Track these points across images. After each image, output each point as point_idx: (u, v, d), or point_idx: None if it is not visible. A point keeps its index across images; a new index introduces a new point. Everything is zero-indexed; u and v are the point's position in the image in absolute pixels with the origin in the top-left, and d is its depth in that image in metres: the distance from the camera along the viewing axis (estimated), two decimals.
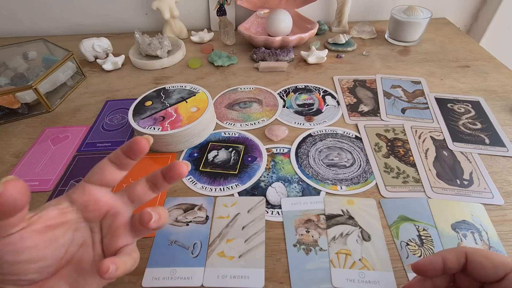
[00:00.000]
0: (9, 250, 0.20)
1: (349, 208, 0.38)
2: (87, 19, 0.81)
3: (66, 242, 0.23)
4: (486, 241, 0.34)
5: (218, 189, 0.41)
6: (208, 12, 0.80)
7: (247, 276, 0.32)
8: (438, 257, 0.25)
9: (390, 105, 0.54)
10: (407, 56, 0.67)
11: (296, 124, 0.51)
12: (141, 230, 0.25)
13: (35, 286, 0.22)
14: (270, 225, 0.37)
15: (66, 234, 0.23)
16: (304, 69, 0.64)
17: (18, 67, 0.59)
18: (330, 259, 0.33)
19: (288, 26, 0.68)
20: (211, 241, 0.36)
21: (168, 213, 0.27)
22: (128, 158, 0.25)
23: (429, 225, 0.36)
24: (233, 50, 0.72)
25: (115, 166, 0.25)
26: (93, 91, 0.61)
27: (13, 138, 0.51)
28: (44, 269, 0.22)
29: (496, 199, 0.38)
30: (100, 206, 0.25)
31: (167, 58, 0.66)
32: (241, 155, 0.46)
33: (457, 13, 0.83)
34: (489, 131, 0.48)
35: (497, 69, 0.61)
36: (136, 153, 0.24)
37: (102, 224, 0.25)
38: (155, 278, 0.33)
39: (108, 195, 0.25)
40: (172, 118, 0.46)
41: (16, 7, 0.78)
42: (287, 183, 0.41)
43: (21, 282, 0.22)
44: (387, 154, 0.45)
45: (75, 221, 0.24)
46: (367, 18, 0.82)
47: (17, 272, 0.21)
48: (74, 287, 0.23)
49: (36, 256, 0.21)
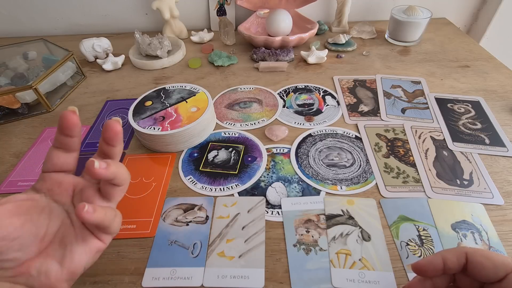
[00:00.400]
0: None
1: (349, 208, 0.38)
2: (87, 19, 0.81)
3: (42, 223, 0.24)
4: (486, 241, 0.34)
5: (218, 189, 0.41)
6: (208, 12, 0.80)
7: (247, 276, 0.32)
8: (438, 257, 0.25)
9: (390, 105, 0.54)
10: (407, 56, 0.67)
11: (296, 124, 0.51)
12: (106, 189, 0.26)
13: (23, 267, 0.23)
14: (270, 225, 0.37)
15: (41, 214, 0.24)
16: (304, 69, 0.64)
17: (18, 67, 0.58)
18: (330, 259, 0.33)
19: (288, 26, 0.68)
20: (211, 241, 0.36)
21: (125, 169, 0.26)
22: (64, 135, 0.25)
23: (429, 225, 0.36)
24: (233, 50, 0.72)
25: (60, 150, 0.26)
26: (93, 91, 0.61)
27: (13, 138, 0.51)
28: (25, 248, 0.23)
29: (496, 199, 0.38)
30: (65, 187, 0.26)
31: (167, 58, 0.66)
32: (241, 155, 0.46)
33: (457, 13, 0.83)
34: (489, 131, 0.48)
35: (497, 69, 0.61)
36: (66, 128, 0.25)
37: (74, 203, 0.26)
38: (155, 278, 0.33)
39: (70, 177, 0.27)
40: (172, 118, 0.46)
41: (16, 7, 0.78)
42: (287, 183, 0.41)
43: (6, 263, 0.22)
44: (387, 154, 0.45)
45: (46, 203, 0.25)
46: (367, 18, 0.82)
47: None
48: (63, 262, 0.24)
49: (13, 232, 0.22)
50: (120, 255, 0.35)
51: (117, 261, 0.34)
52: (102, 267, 0.34)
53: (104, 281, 0.33)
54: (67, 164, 0.27)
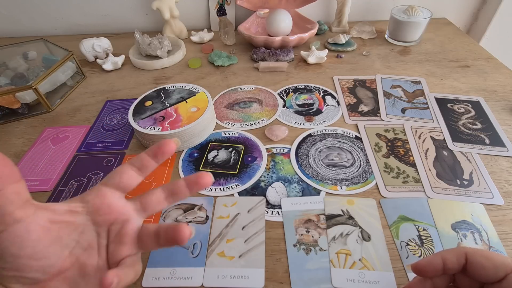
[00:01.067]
0: (15, 241, 0.20)
1: (349, 208, 0.38)
2: (87, 19, 0.81)
3: (70, 243, 0.23)
4: (486, 241, 0.34)
5: (218, 189, 0.41)
6: (208, 12, 0.80)
7: (247, 276, 0.32)
8: (438, 258, 0.25)
9: (390, 105, 0.54)
10: (407, 56, 0.67)
11: (296, 124, 0.51)
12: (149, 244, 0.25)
13: (38, 286, 0.22)
14: (270, 225, 0.37)
15: (71, 235, 0.23)
16: (304, 69, 0.64)
17: (18, 67, 0.59)
18: (330, 259, 0.33)
19: (288, 26, 0.68)
20: (211, 241, 0.36)
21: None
22: (154, 159, 0.26)
23: (429, 225, 0.36)
24: (233, 50, 0.72)
25: (135, 170, 0.26)
26: (93, 91, 0.61)
27: (13, 138, 0.51)
28: (47, 268, 0.22)
29: (496, 199, 0.38)
30: (112, 211, 0.25)
31: (167, 58, 0.66)
32: (241, 155, 0.46)
33: (457, 13, 0.83)
34: (489, 131, 0.48)
35: (497, 69, 0.61)
36: (164, 154, 0.25)
37: (110, 229, 0.25)
38: (155, 278, 0.33)
39: (122, 201, 0.25)
40: (172, 118, 0.46)
41: (16, 7, 0.78)
42: (287, 183, 0.41)
43: (24, 280, 0.21)
44: (387, 154, 0.45)
45: (83, 222, 0.24)
46: (367, 18, 0.82)
47: (20, 268, 0.21)
48: None
49: (40, 252, 0.21)
50: None
51: None
52: None
53: None
54: (131, 186, 0.26)
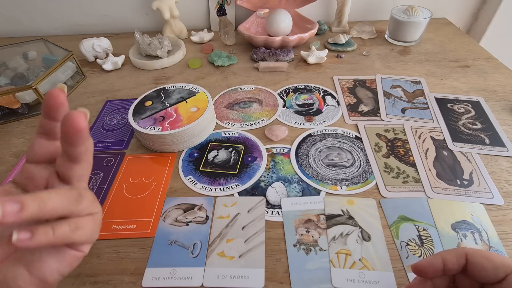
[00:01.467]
0: None
1: (349, 208, 0.38)
2: (87, 19, 0.81)
3: None
4: (486, 241, 0.34)
5: (218, 189, 0.41)
6: (208, 12, 0.80)
7: (247, 276, 0.32)
8: (438, 258, 0.25)
9: (390, 105, 0.54)
10: (407, 56, 0.67)
11: (296, 124, 0.51)
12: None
13: None
14: (270, 225, 0.37)
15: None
16: (304, 69, 0.64)
17: (18, 67, 0.59)
18: (330, 259, 0.33)
19: (288, 26, 0.68)
20: (211, 241, 0.36)
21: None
22: (51, 119, 0.23)
23: (429, 225, 0.36)
24: (233, 50, 0.72)
25: (44, 137, 0.24)
26: (93, 91, 0.61)
27: (13, 138, 0.51)
28: None
29: (496, 199, 0.38)
30: (38, 183, 0.23)
31: (167, 58, 0.66)
32: (241, 155, 0.46)
33: (457, 13, 0.83)
34: (489, 131, 0.47)
35: (497, 69, 0.61)
36: (51, 108, 0.22)
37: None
38: (155, 278, 0.33)
39: (46, 169, 0.24)
40: (172, 118, 0.46)
41: (16, 7, 0.78)
42: (287, 183, 0.41)
43: None
44: (387, 154, 0.45)
45: None
46: (367, 18, 0.82)
47: None
48: (31, 269, 0.22)
49: None
50: (120, 255, 0.35)
51: (117, 261, 0.34)
52: (102, 267, 0.34)
53: (104, 281, 0.33)
54: (47, 154, 0.23)
